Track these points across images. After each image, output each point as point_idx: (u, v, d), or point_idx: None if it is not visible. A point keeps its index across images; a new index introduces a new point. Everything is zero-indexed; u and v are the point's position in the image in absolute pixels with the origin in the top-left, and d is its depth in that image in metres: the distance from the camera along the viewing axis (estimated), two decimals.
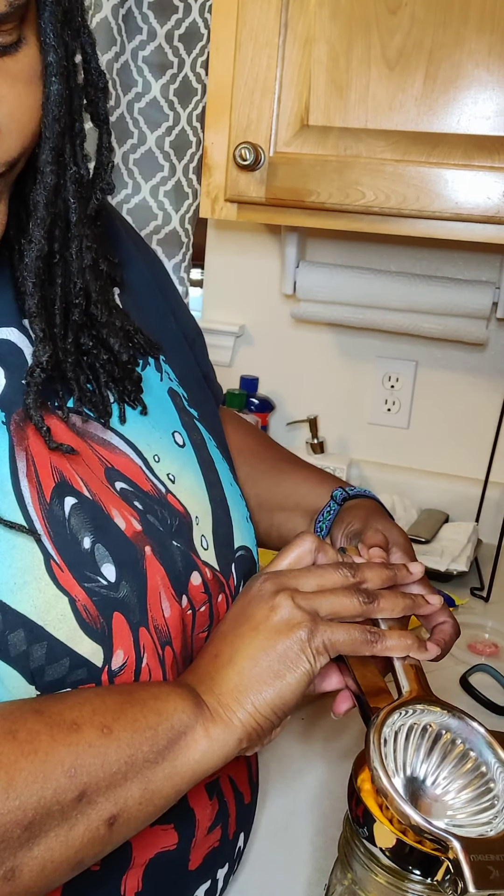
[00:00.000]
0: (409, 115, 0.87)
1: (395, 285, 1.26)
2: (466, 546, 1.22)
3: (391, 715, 0.49)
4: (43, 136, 0.44)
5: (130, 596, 0.48)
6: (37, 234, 0.46)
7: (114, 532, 0.49)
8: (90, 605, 0.46)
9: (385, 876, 0.44)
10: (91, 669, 0.45)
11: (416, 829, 0.42)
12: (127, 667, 0.47)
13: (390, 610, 0.52)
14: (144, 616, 0.48)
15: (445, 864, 0.41)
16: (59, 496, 0.47)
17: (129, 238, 0.67)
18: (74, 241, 0.49)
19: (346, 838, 0.48)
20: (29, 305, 0.47)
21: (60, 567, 0.45)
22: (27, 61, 0.41)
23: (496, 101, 0.85)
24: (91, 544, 0.47)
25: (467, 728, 0.49)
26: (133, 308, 0.61)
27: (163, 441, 0.57)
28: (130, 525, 0.50)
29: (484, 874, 0.40)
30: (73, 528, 0.47)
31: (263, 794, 0.72)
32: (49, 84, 0.43)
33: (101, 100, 0.50)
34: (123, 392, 0.54)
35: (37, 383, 0.47)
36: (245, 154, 0.92)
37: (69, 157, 0.47)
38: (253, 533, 0.63)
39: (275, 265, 1.40)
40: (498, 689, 0.92)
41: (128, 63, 1.18)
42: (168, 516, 0.53)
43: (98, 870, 0.48)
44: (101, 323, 0.52)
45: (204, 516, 0.57)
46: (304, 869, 0.65)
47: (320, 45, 0.89)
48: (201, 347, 0.76)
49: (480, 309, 1.21)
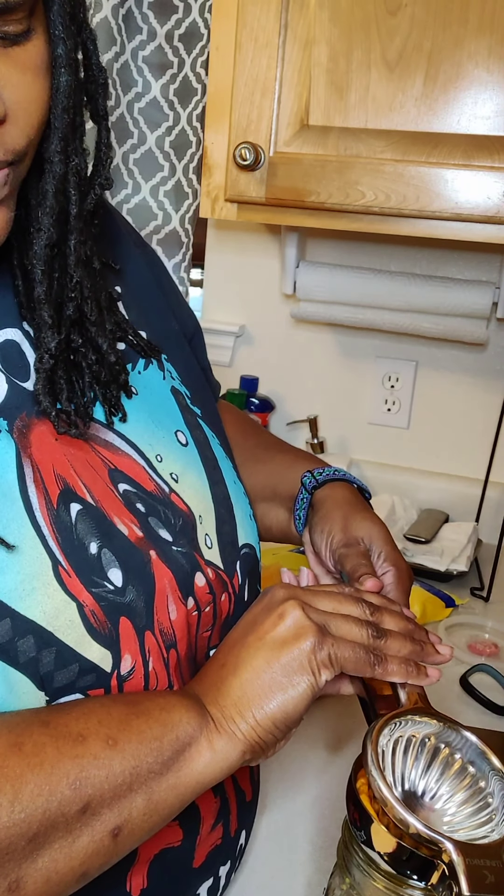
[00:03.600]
0: (408, 115, 0.87)
1: (395, 285, 1.25)
2: (466, 546, 1.22)
3: (389, 724, 0.49)
4: (52, 127, 0.45)
5: (137, 600, 0.48)
6: (46, 223, 0.47)
7: (118, 537, 0.49)
8: (98, 610, 0.46)
9: (383, 881, 0.44)
10: (100, 675, 0.45)
11: (413, 835, 0.42)
12: (135, 672, 0.47)
13: (396, 650, 0.51)
14: (150, 620, 0.48)
15: (441, 868, 0.41)
16: (65, 502, 0.47)
17: (130, 237, 0.67)
18: (73, 234, 0.49)
19: (345, 843, 0.48)
20: (38, 293, 0.48)
21: (68, 573, 0.45)
22: (36, 52, 0.42)
23: (496, 101, 0.84)
24: (98, 549, 0.47)
25: (464, 740, 0.49)
26: (134, 307, 0.61)
27: (165, 440, 0.56)
28: (133, 531, 0.50)
29: (479, 878, 0.40)
30: (80, 534, 0.47)
31: (264, 795, 0.72)
32: (58, 75, 0.44)
33: (101, 96, 0.50)
34: (106, 396, 0.54)
35: (46, 370, 0.48)
36: (245, 154, 0.91)
37: (72, 150, 0.47)
38: (256, 531, 0.63)
39: (275, 265, 1.40)
40: (498, 689, 0.92)
41: (128, 63, 1.18)
42: (172, 516, 0.53)
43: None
44: (91, 321, 0.52)
45: (207, 515, 0.57)
46: (305, 869, 0.66)
47: (320, 46, 0.89)
48: (200, 342, 0.76)
49: (480, 309, 1.21)
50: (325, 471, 0.70)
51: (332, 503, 0.66)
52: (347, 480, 0.70)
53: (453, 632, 1.04)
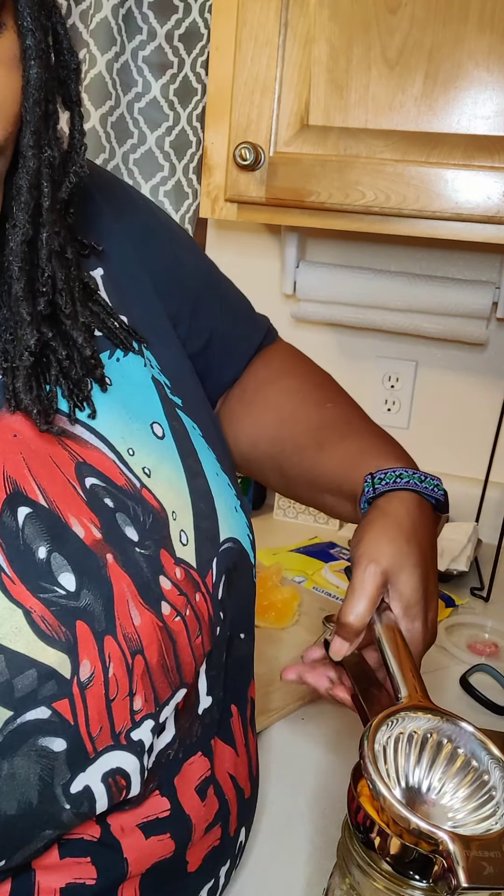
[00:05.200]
0: (408, 115, 0.87)
1: (395, 285, 1.25)
2: (466, 546, 1.22)
3: (385, 721, 0.49)
4: (24, 120, 0.44)
5: (94, 604, 0.46)
6: (21, 219, 0.45)
7: (72, 540, 0.47)
8: (48, 615, 0.44)
9: (383, 881, 0.44)
10: (59, 681, 0.44)
11: (413, 831, 0.42)
12: (95, 677, 0.45)
13: None
14: (111, 624, 0.47)
15: (440, 862, 0.41)
16: (10, 507, 0.45)
17: (114, 215, 0.63)
18: (45, 227, 0.47)
19: (345, 843, 0.48)
20: (16, 290, 0.46)
21: (12, 579, 0.44)
22: (7, 46, 0.41)
23: (496, 101, 0.84)
24: (47, 554, 0.46)
25: (463, 733, 0.49)
26: (115, 291, 0.59)
27: (139, 433, 0.54)
28: (90, 533, 0.48)
29: (478, 870, 0.40)
30: (26, 539, 0.45)
31: (264, 795, 0.72)
32: (28, 68, 0.42)
33: (73, 81, 0.48)
34: (72, 391, 0.52)
35: (25, 367, 0.47)
36: (245, 154, 0.92)
37: (45, 142, 0.46)
38: (244, 523, 0.60)
39: (275, 265, 1.40)
40: (498, 689, 0.92)
41: (128, 63, 1.18)
42: (141, 513, 0.51)
43: (94, 884, 0.48)
44: (65, 314, 0.50)
45: (183, 510, 0.54)
46: (305, 868, 0.65)
47: (320, 45, 0.89)
48: (222, 290, 0.73)
49: (480, 309, 1.21)
50: (386, 476, 0.61)
51: (377, 523, 0.59)
52: (411, 490, 0.60)
53: (453, 632, 1.04)
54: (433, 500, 0.62)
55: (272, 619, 0.99)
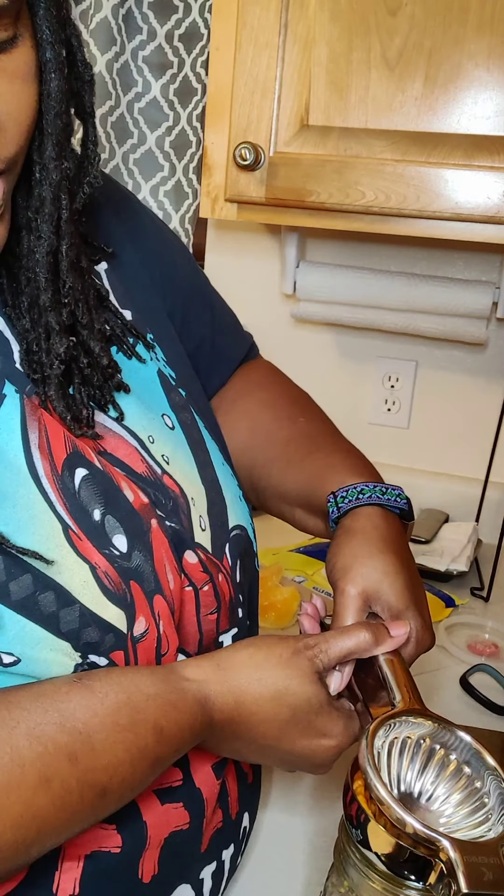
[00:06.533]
0: (409, 115, 0.87)
1: (395, 285, 1.25)
2: (466, 546, 1.22)
3: (384, 725, 0.49)
4: (45, 133, 0.45)
5: (144, 565, 0.49)
6: (45, 230, 0.47)
7: (123, 504, 0.49)
8: (111, 571, 0.47)
9: (380, 882, 0.45)
10: (118, 635, 0.46)
11: (411, 834, 0.42)
12: (148, 634, 0.48)
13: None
14: (158, 585, 0.49)
15: (439, 867, 0.41)
16: (69, 468, 0.47)
17: (115, 217, 0.65)
18: (65, 239, 0.49)
19: (342, 844, 0.48)
20: (43, 300, 0.48)
21: (79, 536, 0.46)
22: (23, 58, 0.42)
23: (496, 101, 0.84)
24: (101, 516, 0.48)
25: (459, 741, 0.49)
26: (118, 288, 0.60)
27: (155, 423, 0.57)
28: (138, 497, 0.51)
29: (478, 875, 0.40)
30: (83, 501, 0.47)
31: (264, 794, 0.72)
32: (49, 81, 0.44)
33: (87, 93, 0.49)
34: (95, 397, 0.53)
35: (56, 375, 0.49)
36: (245, 154, 0.92)
37: (65, 153, 0.47)
38: (247, 511, 0.63)
39: (275, 265, 1.40)
40: (498, 689, 0.92)
41: (128, 63, 1.18)
42: (163, 498, 0.53)
43: (118, 852, 0.49)
44: (82, 324, 0.52)
45: (199, 497, 0.57)
46: (304, 869, 0.66)
47: (320, 46, 0.89)
48: (213, 299, 0.75)
49: (480, 309, 1.21)
50: (348, 493, 0.60)
51: (345, 544, 0.58)
52: (374, 504, 0.60)
53: (453, 632, 1.04)
54: (397, 511, 0.62)
55: (272, 619, 0.99)
